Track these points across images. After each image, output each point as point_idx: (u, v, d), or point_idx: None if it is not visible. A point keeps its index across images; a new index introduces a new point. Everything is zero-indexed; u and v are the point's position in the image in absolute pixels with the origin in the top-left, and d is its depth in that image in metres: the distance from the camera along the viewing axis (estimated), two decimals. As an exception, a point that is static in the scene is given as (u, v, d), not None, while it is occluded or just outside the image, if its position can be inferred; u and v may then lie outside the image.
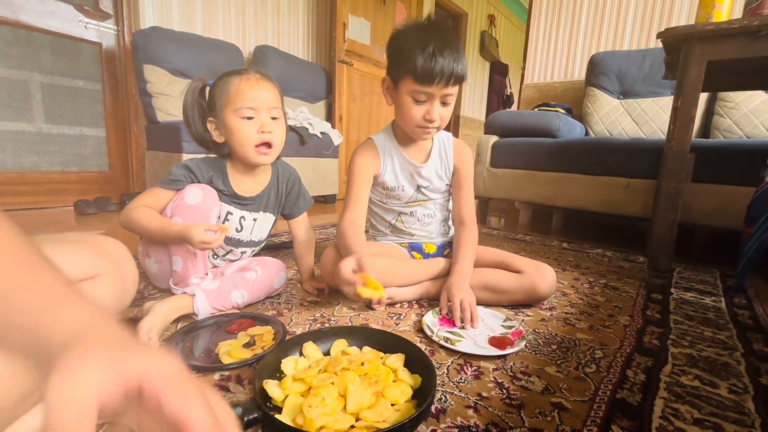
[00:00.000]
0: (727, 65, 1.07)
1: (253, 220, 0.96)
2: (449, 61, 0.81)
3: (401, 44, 0.85)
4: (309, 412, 0.48)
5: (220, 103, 0.84)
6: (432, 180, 1.02)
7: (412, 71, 0.82)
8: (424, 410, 0.51)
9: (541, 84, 2.67)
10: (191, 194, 0.82)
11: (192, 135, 0.89)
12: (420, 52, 0.80)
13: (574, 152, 1.84)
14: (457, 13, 4.78)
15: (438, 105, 0.86)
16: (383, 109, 3.29)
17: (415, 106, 0.86)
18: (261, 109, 0.84)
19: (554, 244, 1.74)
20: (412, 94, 0.85)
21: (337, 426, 0.48)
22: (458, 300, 0.84)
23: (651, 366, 0.70)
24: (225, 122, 0.84)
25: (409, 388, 0.57)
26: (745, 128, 1.82)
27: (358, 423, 0.50)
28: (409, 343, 0.67)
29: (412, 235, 1.05)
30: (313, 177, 2.42)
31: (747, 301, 1.09)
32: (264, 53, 2.49)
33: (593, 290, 1.13)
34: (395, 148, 0.99)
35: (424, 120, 0.87)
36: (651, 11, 2.27)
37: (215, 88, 0.86)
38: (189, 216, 0.80)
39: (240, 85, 0.83)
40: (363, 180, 0.98)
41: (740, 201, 1.31)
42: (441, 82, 0.82)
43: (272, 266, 0.94)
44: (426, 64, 0.80)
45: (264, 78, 0.87)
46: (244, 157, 0.87)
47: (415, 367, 0.62)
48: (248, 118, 0.84)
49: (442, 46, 0.80)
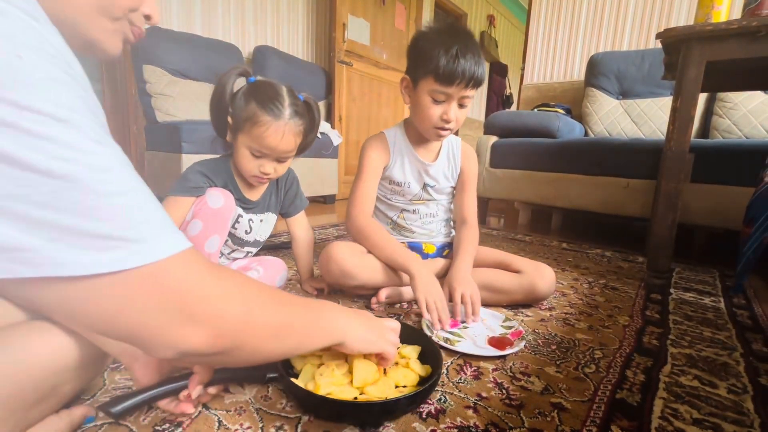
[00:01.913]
0: (726, 66, 1.07)
1: (260, 222, 0.97)
2: (471, 64, 0.82)
3: (424, 45, 0.86)
4: (319, 378, 0.54)
5: (241, 122, 0.80)
6: (439, 180, 1.03)
7: (434, 71, 0.83)
8: (423, 390, 0.54)
9: (540, 84, 2.67)
10: (214, 198, 0.82)
11: (214, 121, 0.84)
12: (443, 53, 0.81)
13: (574, 152, 1.84)
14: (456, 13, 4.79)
15: (455, 106, 0.87)
16: (383, 109, 3.29)
17: (434, 106, 0.87)
18: (272, 156, 0.83)
19: (554, 245, 1.74)
20: (432, 93, 0.86)
21: (342, 395, 0.53)
22: (459, 294, 0.84)
23: (650, 366, 0.70)
24: (236, 141, 0.83)
25: (414, 373, 0.60)
26: (744, 128, 1.82)
27: (361, 397, 0.54)
28: (424, 336, 0.69)
29: (413, 232, 1.05)
30: (312, 177, 2.42)
31: (746, 301, 1.09)
32: (263, 53, 2.49)
33: (592, 290, 1.13)
34: (406, 145, 1.00)
35: (441, 120, 0.88)
36: (650, 12, 2.28)
37: (248, 102, 0.79)
38: (211, 219, 0.81)
39: (264, 128, 0.79)
40: (373, 173, 0.99)
41: (739, 201, 1.31)
42: (461, 84, 0.83)
43: (274, 265, 0.94)
44: (448, 65, 0.81)
45: (294, 129, 0.82)
46: (243, 175, 0.88)
47: (427, 359, 0.64)
48: (256, 156, 0.83)
49: (465, 49, 0.82)
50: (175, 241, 0.34)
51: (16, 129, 0.25)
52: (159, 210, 0.34)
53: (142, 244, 0.31)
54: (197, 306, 0.34)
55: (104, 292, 0.30)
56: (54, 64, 0.28)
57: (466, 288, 0.85)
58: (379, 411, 0.52)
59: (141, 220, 0.31)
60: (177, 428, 0.49)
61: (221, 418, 0.52)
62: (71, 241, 0.28)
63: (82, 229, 0.28)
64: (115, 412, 0.45)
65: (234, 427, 0.50)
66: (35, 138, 0.26)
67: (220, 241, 0.85)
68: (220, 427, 0.50)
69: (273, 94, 0.80)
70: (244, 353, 0.39)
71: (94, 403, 0.53)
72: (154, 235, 0.32)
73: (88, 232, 0.28)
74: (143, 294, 0.32)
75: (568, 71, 2.59)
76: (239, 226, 0.92)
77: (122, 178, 0.31)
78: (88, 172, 0.28)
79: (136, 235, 0.30)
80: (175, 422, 0.50)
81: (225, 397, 0.56)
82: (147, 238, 0.31)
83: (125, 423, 0.50)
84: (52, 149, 0.26)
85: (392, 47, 3.26)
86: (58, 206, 0.27)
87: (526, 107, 2.67)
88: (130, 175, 0.32)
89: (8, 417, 0.37)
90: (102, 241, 0.29)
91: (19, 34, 0.26)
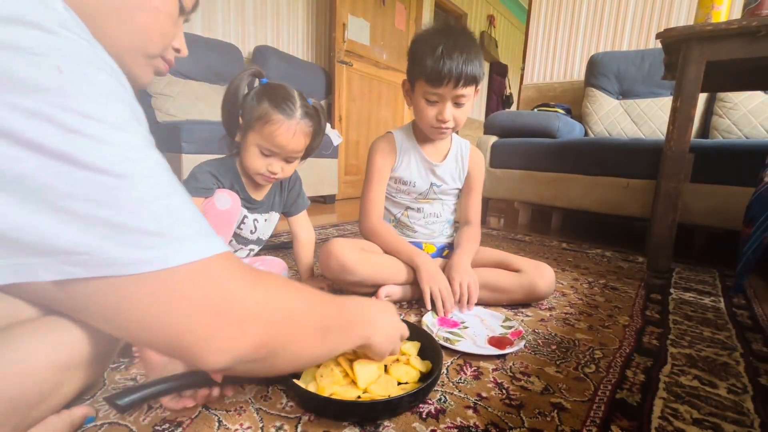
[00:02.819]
0: (726, 66, 1.07)
1: (264, 221, 0.98)
2: (458, 63, 0.81)
3: (416, 47, 0.86)
4: (320, 380, 0.55)
5: (252, 121, 0.81)
6: (446, 180, 1.03)
7: (423, 73, 0.83)
8: (425, 387, 0.55)
9: (540, 84, 2.67)
10: (222, 200, 0.83)
11: (224, 120, 0.86)
12: (430, 53, 0.82)
13: (574, 152, 1.84)
14: (456, 13, 4.79)
15: (450, 106, 0.87)
16: (383, 109, 3.29)
17: (428, 107, 0.88)
18: (282, 154, 0.84)
19: (553, 245, 1.74)
20: (425, 95, 0.87)
21: (345, 395, 0.54)
22: (457, 282, 0.85)
23: (650, 366, 0.70)
24: (246, 140, 0.84)
25: (415, 370, 0.60)
26: (744, 128, 1.82)
27: (364, 395, 0.55)
28: (425, 333, 0.70)
29: (415, 231, 1.05)
30: (312, 177, 2.42)
31: (746, 301, 1.09)
32: (263, 53, 2.48)
33: (592, 290, 1.13)
34: (413, 146, 1.01)
35: (437, 120, 0.88)
36: (650, 12, 2.28)
37: (260, 101, 0.81)
38: (219, 220, 0.82)
39: (275, 127, 0.80)
40: (382, 177, 1.01)
41: (739, 201, 1.31)
42: (450, 84, 0.83)
43: (275, 265, 0.95)
44: (435, 65, 0.81)
45: (305, 126, 0.83)
46: (251, 174, 0.89)
47: (427, 354, 0.65)
48: (265, 155, 0.84)
49: (451, 48, 0.81)
50: (216, 243, 0.34)
51: (82, 135, 0.28)
52: (199, 215, 0.35)
53: (184, 243, 0.32)
54: (240, 308, 0.34)
55: (147, 290, 0.30)
56: (113, 79, 0.31)
57: (464, 276, 0.86)
58: (383, 409, 0.53)
59: (184, 222, 0.33)
60: (177, 428, 0.49)
61: (221, 418, 0.52)
62: (122, 239, 0.29)
63: (132, 226, 0.29)
64: (121, 405, 0.45)
65: (234, 427, 0.50)
66: (99, 142, 0.29)
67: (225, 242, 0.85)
68: (220, 427, 0.50)
69: (285, 95, 0.82)
70: (287, 357, 0.39)
71: (93, 402, 0.53)
72: (195, 237, 0.33)
73: (137, 229, 0.29)
74: (186, 294, 0.32)
75: (568, 71, 2.59)
76: (244, 226, 0.93)
77: (168, 182, 0.33)
78: (140, 173, 0.30)
79: (179, 235, 0.32)
80: (175, 422, 0.50)
81: (225, 396, 0.56)
82: (189, 238, 0.32)
83: (125, 423, 0.50)
84: (112, 152, 0.29)
85: (392, 47, 3.26)
86: (113, 204, 0.29)
87: (526, 107, 2.66)
88: (173, 179, 0.33)
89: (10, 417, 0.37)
90: (148, 239, 0.30)
91: (84, 54, 0.29)
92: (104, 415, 0.51)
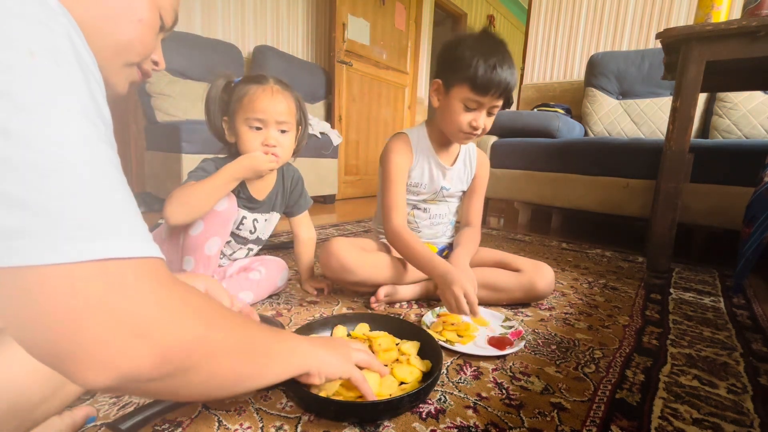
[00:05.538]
0: (726, 66, 1.07)
1: (264, 221, 0.97)
2: (507, 75, 0.83)
3: (462, 52, 0.85)
4: None
5: (234, 107, 0.84)
6: (454, 183, 1.03)
7: (470, 79, 0.83)
8: (425, 387, 0.55)
9: (540, 84, 2.67)
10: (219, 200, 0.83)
11: (211, 129, 0.88)
12: (482, 62, 0.82)
13: (574, 152, 1.84)
14: (456, 13, 4.78)
15: (484, 114, 0.88)
16: (382, 109, 3.29)
17: (465, 113, 0.88)
18: (270, 121, 0.84)
19: (553, 245, 1.74)
20: (465, 101, 0.86)
21: (348, 394, 0.55)
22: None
23: (650, 366, 0.70)
24: (235, 127, 0.85)
25: (417, 370, 0.61)
26: (743, 128, 1.82)
27: None
28: (424, 332, 0.70)
29: (420, 231, 1.06)
30: (312, 177, 2.42)
31: (746, 301, 1.09)
32: (263, 53, 2.49)
33: (592, 290, 1.13)
34: (428, 147, 1.00)
35: (470, 126, 0.88)
36: (650, 12, 2.28)
37: (233, 91, 0.85)
38: (214, 221, 0.82)
39: (254, 95, 0.83)
40: (401, 178, 0.98)
41: (739, 201, 1.32)
42: (495, 94, 0.84)
43: (275, 265, 0.95)
44: (486, 74, 0.82)
45: (281, 89, 0.86)
46: (248, 154, 0.88)
47: (427, 354, 0.66)
48: (256, 128, 0.84)
49: (503, 60, 0.83)
50: (144, 247, 0.31)
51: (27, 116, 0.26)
52: (139, 216, 0.32)
53: (107, 239, 0.28)
54: (144, 317, 0.30)
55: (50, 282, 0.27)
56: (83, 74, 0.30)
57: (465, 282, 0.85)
58: (383, 409, 0.53)
59: (117, 219, 0.29)
60: (177, 428, 0.50)
61: (221, 418, 0.52)
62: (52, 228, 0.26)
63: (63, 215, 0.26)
64: (124, 430, 0.45)
65: (234, 427, 0.50)
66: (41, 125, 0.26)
67: (220, 243, 0.86)
68: (219, 427, 0.50)
69: (257, 75, 0.87)
70: (198, 378, 0.35)
71: (94, 403, 0.53)
72: (122, 235, 0.29)
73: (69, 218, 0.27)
74: (86, 292, 0.27)
75: (568, 71, 2.59)
76: (243, 227, 0.93)
77: (113, 177, 0.30)
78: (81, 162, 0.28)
79: (106, 231, 0.28)
80: (175, 422, 0.50)
81: (225, 397, 0.56)
82: (114, 235, 0.29)
83: (125, 423, 0.50)
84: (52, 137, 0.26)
85: (392, 47, 3.26)
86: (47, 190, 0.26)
87: (526, 107, 2.67)
88: (119, 177, 0.31)
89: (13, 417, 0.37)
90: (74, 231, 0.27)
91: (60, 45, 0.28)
92: (105, 415, 0.51)
